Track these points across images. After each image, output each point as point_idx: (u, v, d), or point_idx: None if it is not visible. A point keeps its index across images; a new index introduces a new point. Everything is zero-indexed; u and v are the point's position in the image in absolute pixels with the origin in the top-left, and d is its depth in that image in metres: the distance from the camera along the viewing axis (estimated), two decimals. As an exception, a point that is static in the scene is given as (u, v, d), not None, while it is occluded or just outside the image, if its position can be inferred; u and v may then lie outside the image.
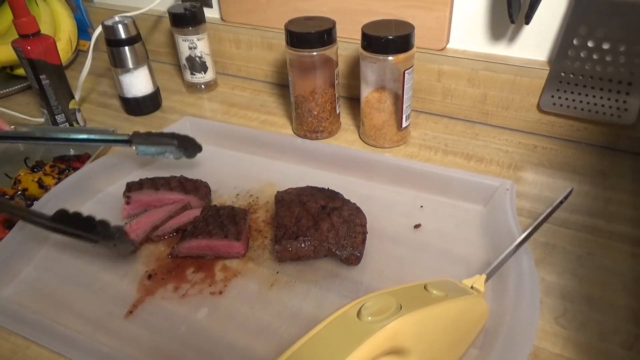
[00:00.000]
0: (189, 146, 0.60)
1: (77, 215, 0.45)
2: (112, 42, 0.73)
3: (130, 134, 0.57)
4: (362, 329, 0.30)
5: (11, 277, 0.50)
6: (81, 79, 0.79)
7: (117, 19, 0.74)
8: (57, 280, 0.50)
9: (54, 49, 0.69)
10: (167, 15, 0.79)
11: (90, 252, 0.53)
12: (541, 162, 0.63)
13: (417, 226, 0.54)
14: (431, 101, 0.73)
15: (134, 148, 0.58)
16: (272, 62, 0.85)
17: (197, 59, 0.81)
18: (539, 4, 0.58)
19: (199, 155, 0.60)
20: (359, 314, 0.31)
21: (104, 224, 0.45)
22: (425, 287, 0.36)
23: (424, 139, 0.69)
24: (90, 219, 0.45)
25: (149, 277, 0.49)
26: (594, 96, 0.61)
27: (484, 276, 0.41)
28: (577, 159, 0.63)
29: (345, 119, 0.75)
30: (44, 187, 0.60)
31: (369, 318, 0.30)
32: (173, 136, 0.58)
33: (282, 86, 0.86)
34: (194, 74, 0.83)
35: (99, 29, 0.75)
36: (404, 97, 0.63)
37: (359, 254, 0.49)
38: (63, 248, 0.53)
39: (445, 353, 0.35)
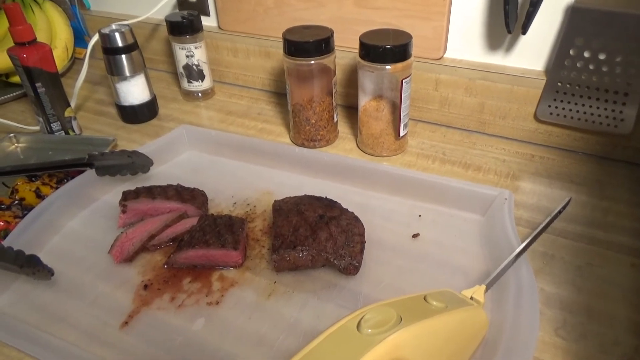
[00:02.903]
0: (141, 160, 0.63)
1: None
2: (109, 50, 0.73)
3: (87, 156, 0.60)
4: (362, 342, 0.29)
5: (4, 289, 0.49)
6: (77, 87, 0.79)
7: (114, 27, 0.73)
8: (51, 291, 0.49)
9: (50, 56, 0.69)
10: (165, 23, 0.79)
11: (85, 262, 0.52)
12: (538, 172, 0.63)
13: (415, 236, 0.53)
14: (429, 110, 0.73)
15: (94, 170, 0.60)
16: (270, 71, 0.85)
17: (194, 67, 0.81)
18: (535, 14, 0.58)
19: (196, 163, 0.60)
20: (358, 326, 0.31)
21: (19, 253, 0.47)
22: (425, 299, 0.36)
23: (422, 148, 0.69)
24: (8, 250, 0.47)
25: (145, 287, 0.49)
26: (590, 106, 0.61)
27: (483, 287, 0.41)
28: (575, 168, 0.63)
29: (343, 128, 0.75)
30: (41, 197, 0.59)
31: (369, 330, 0.30)
32: (124, 152, 0.62)
33: (279, 94, 0.86)
34: (191, 82, 0.83)
35: (95, 37, 0.75)
36: (402, 106, 0.63)
37: (357, 264, 0.48)
38: (57, 258, 0.52)
39: (446, 365, 0.35)
